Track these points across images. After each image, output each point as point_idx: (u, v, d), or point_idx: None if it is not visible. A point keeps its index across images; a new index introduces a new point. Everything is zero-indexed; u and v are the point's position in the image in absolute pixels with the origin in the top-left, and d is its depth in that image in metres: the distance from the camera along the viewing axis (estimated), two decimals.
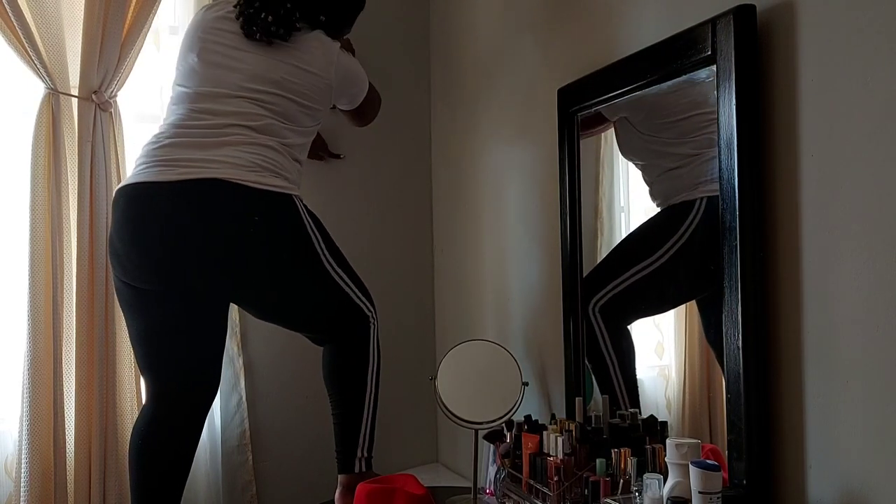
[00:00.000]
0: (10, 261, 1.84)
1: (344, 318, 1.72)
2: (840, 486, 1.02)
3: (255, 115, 1.60)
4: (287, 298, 1.66)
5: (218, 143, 1.57)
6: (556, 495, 1.29)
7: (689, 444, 1.06)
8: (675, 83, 1.27)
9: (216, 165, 1.54)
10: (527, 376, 1.69)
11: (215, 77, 1.62)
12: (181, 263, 1.53)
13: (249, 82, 1.61)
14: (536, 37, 1.77)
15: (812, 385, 1.06)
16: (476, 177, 2.08)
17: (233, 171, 1.54)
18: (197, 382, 1.65)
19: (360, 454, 1.70)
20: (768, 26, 1.10)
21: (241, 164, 1.55)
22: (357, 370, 1.72)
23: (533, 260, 1.80)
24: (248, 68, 1.62)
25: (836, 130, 1.01)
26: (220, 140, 1.57)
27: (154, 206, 1.53)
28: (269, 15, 1.62)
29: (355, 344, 1.73)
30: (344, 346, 1.74)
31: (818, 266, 1.04)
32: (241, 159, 1.55)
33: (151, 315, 1.59)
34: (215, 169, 1.53)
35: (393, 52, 2.32)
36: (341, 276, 1.69)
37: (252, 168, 1.56)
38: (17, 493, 1.72)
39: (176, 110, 1.64)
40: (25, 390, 1.72)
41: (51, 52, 1.78)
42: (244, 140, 1.58)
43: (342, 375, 1.73)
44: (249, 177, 1.54)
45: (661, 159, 1.37)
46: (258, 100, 1.61)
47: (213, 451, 1.99)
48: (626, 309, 1.47)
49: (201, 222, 1.52)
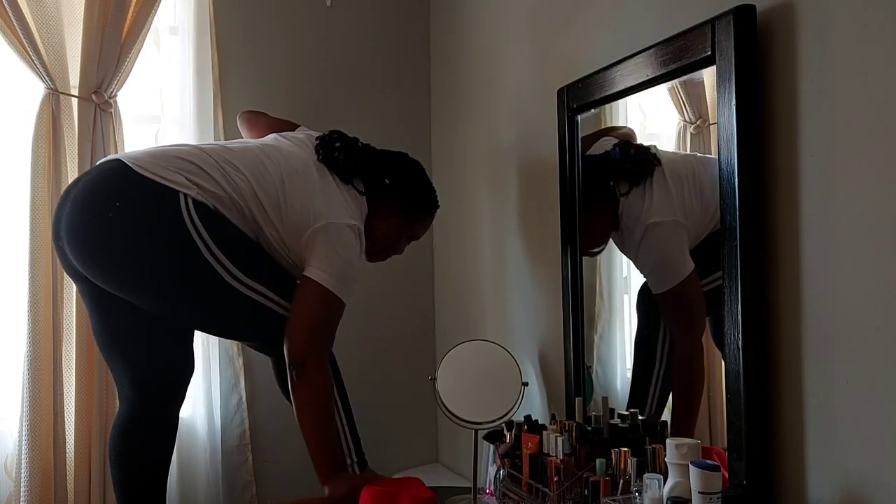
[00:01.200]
0: (10, 261, 1.84)
1: (270, 331, 1.57)
2: (840, 485, 1.01)
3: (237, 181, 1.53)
4: (185, 309, 1.56)
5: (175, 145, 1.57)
6: (556, 495, 1.29)
7: (688, 444, 1.06)
8: None
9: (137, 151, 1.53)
10: (527, 376, 1.69)
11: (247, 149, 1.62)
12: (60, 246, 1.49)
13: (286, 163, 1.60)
14: (536, 37, 1.77)
15: (812, 385, 1.05)
16: (476, 177, 2.08)
17: (136, 157, 1.48)
18: (159, 382, 1.61)
19: (349, 460, 1.68)
20: (768, 26, 1.10)
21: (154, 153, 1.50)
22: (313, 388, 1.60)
23: (533, 259, 1.80)
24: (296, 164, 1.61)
25: (836, 130, 1.01)
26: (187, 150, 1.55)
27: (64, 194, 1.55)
28: (342, 154, 1.62)
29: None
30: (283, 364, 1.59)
31: (818, 266, 1.04)
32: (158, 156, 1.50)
33: (92, 313, 1.58)
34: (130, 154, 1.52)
35: (393, 52, 2.32)
36: (254, 288, 1.53)
37: (156, 160, 1.48)
38: (17, 492, 1.73)
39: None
40: (25, 390, 1.72)
41: (51, 52, 1.78)
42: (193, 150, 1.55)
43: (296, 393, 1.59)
44: (144, 162, 1.46)
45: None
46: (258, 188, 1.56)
47: (213, 451, 1.99)
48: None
49: (77, 201, 1.46)
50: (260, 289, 1.54)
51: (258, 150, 1.62)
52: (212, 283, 1.49)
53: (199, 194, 1.48)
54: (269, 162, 1.59)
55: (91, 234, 1.45)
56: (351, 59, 2.25)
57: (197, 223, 1.46)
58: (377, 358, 2.25)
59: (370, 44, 2.28)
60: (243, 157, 1.57)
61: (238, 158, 1.56)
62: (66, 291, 1.80)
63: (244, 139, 1.74)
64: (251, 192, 1.54)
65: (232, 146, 1.63)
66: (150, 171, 1.45)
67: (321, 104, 2.16)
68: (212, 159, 1.54)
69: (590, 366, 1.56)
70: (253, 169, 1.56)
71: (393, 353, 2.29)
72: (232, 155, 1.57)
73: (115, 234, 1.45)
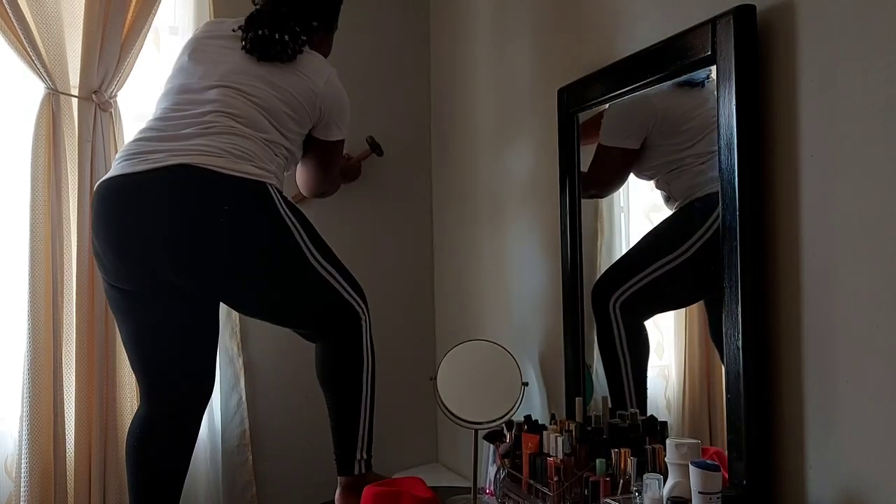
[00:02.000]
0: (10, 261, 1.84)
1: (333, 315, 1.66)
2: (840, 486, 1.01)
3: (237, 105, 1.55)
4: (269, 294, 1.60)
5: (193, 132, 1.51)
6: (555, 495, 1.29)
7: (688, 444, 1.06)
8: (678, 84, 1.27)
9: (185, 152, 1.47)
10: (527, 376, 1.69)
11: (202, 71, 1.59)
12: (151, 259, 1.47)
13: (235, 74, 1.58)
14: (536, 37, 1.77)
15: (812, 385, 1.05)
16: (476, 177, 2.08)
17: (200, 158, 1.46)
18: (190, 384, 1.61)
19: (360, 456, 1.67)
20: (768, 26, 1.10)
21: (210, 152, 1.48)
22: (351, 372, 1.68)
23: (533, 260, 1.80)
24: (236, 63, 1.59)
25: (837, 130, 1.01)
26: (195, 130, 1.51)
27: (122, 200, 1.48)
28: (285, 34, 1.61)
29: (347, 344, 1.69)
30: (336, 346, 1.69)
31: (818, 266, 1.04)
32: (211, 147, 1.48)
33: (139, 317, 1.56)
34: (182, 155, 1.47)
35: (393, 52, 2.32)
36: (329, 270, 1.62)
37: (221, 154, 1.48)
38: (17, 492, 1.72)
39: (159, 105, 1.61)
40: (25, 390, 1.72)
41: (51, 52, 1.78)
42: (220, 129, 1.51)
43: (336, 378, 1.69)
44: (218, 162, 1.47)
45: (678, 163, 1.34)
46: (242, 91, 1.56)
47: (214, 451, 1.99)
48: (645, 305, 1.44)
49: (166, 212, 1.46)
50: (332, 271, 1.63)
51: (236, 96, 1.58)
52: (305, 267, 1.58)
53: (277, 182, 1.56)
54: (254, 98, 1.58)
55: (203, 244, 1.47)
56: (351, 59, 2.24)
57: (287, 210, 1.55)
58: (377, 358, 2.25)
59: (370, 43, 2.28)
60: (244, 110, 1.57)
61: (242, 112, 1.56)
62: (65, 291, 1.80)
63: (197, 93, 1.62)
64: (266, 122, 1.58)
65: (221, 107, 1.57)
66: (230, 169, 1.47)
67: None
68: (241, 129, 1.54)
69: (590, 366, 1.56)
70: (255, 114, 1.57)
71: (393, 353, 2.28)
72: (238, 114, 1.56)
73: (232, 236, 1.47)
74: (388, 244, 2.30)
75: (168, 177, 1.45)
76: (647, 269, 1.38)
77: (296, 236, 1.56)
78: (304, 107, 1.63)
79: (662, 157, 1.38)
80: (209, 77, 1.58)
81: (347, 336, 1.68)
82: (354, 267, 1.70)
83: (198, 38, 1.68)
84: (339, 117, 1.72)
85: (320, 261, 1.60)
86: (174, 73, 1.64)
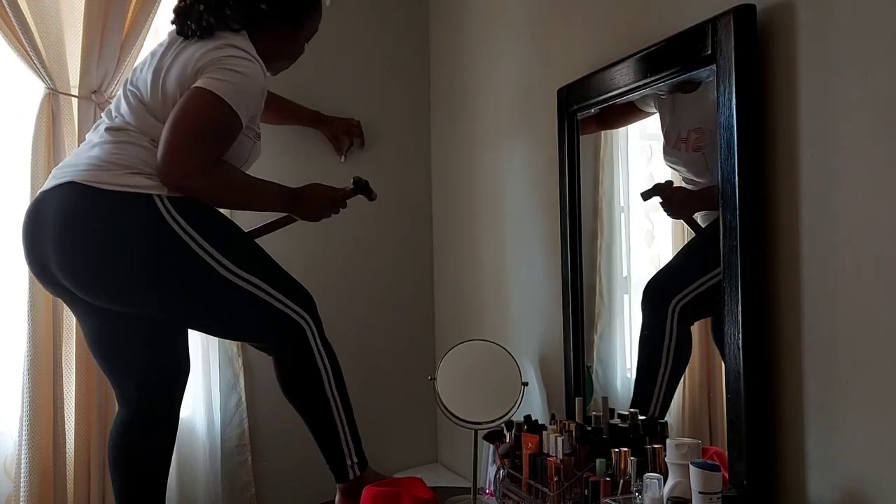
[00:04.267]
0: (9, 261, 1.84)
1: (269, 329, 1.56)
2: (840, 485, 1.01)
3: (131, 107, 1.47)
4: (187, 313, 1.53)
5: (95, 143, 1.46)
6: (555, 495, 1.29)
7: (689, 444, 1.06)
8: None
9: (77, 168, 1.42)
10: (526, 376, 1.68)
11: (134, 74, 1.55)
12: (56, 279, 1.44)
13: (143, 71, 1.51)
14: (536, 36, 1.77)
15: (812, 385, 1.05)
16: (476, 177, 2.08)
17: (86, 174, 1.40)
18: (155, 383, 1.59)
19: (350, 461, 1.64)
20: (768, 26, 1.10)
21: (97, 165, 1.41)
22: (311, 387, 1.60)
23: (533, 260, 1.79)
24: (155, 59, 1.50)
25: (837, 129, 1.01)
26: (97, 139, 1.46)
27: (28, 221, 1.46)
28: (202, 3, 1.47)
29: (297, 359, 1.59)
30: (286, 362, 1.61)
31: (818, 265, 1.04)
32: (100, 159, 1.41)
33: (87, 324, 1.55)
34: (74, 172, 1.41)
35: (393, 52, 2.32)
36: (250, 281, 1.48)
37: (107, 168, 1.40)
38: (17, 493, 1.72)
39: None
40: (25, 390, 1.72)
41: (50, 51, 1.78)
42: (115, 138, 1.44)
43: (298, 395, 1.63)
44: (101, 177, 1.39)
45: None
46: (137, 91, 1.49)
47: (213, 451, 1.99)
48: (698, 311, 1.38)
49: (51, 234, 1.41)
50: (254, 280, 1.50)
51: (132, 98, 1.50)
52: (210, 280, 1.45)
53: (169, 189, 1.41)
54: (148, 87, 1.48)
55: (83, 266, 1.41)
56: (350, 59, 2.24)
57: (181, 221, 1.41)
58: (377, 358, 2.25)
59: (370, 43, 2.28)
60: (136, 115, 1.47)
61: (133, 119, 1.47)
62: None
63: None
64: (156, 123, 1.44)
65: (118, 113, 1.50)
66: (112, 183, 1.38)
67: (321, 104, 2.16)
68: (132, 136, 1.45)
69: (590, 366, 1.56)
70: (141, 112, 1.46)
71: (393, 353, 2.28)
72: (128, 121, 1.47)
73: (108, 257, 1.40)
74: (387, 244, 2.30)
75: (56, 196, 1.41)
76: (708, 275, 1.31)
77: (194, 248, 1.42)
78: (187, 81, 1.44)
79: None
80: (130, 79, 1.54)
81: (294, 351, 1.59)
82: (354, 267, 1.69)
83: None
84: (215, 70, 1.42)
85: (236, 272, 1.46)
86: None
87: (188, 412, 1.98)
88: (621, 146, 1.55)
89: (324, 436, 1.64)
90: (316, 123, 2.14)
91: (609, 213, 1.56)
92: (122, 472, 1.58)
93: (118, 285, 1.43)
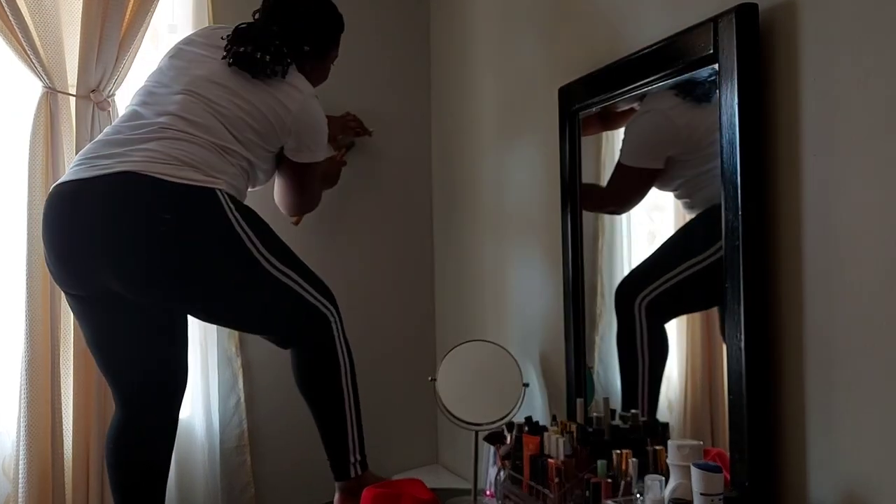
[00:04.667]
0: (7, 261, 1.83)
1: (299, 321, 1.62)
2: (842, 486, 1.01)
3: (196, 111, 1.50)
4: (226, 304, 1.56)
5: (145, 137, 1.46)
6: (556, 497, 1.28)
7: (690, 445, 1.06)
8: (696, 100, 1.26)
9: (131, 159, 1.42)
10: (527, 377, 1.68)
11: (173, 75, 1.57)
12: (91, 267, 1.43)
13: (204, 81, 1.54)
14: (537, 36, 1.77)
15: (814, 385, 1.05)
16: (476, 176, 2.07)
17: (145, 165, 1.41)
18: (156, 386, 1.59)
19: (353, 458, 1.64)
20: (770, 25, 1.10)
21: (156, 159, 1.42)
22: (329, 377, 1.64)
23: (533, 260, 1.79)
24: (211, 71, 1.56)
25: (839, 130, 1.00)
26: (148, 134, 1.46)
27: (66, 209, 1.45)
28: (266, 55, 1.56)
29: (320, 349, 1.64)
30: (308, 352, 1.65)
31: (820, 266, 1.04)
32: (159, 153, 1.43)
33: (94, 323, 1.54)
34: (128, 162, 1.41)
35: (393, 52, 2.32)
36: (288, 275, 1.56)
37: (167, 161, 1.42)
38: (15, 493, 1.72)
39: (130, 103, 1.58)
40: (23, 390, 1.72)
41: (49, 51, 1.77)
42: (172, 135, 1.46)
43: (315, 385, 1.66)
44: (163, 169, 1.41)
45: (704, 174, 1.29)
46: (205, 98, 1.52)
47: (212, 452, 1.99)
48: (669, 307, 1.40)
49: (106, 220, 1.41)
50: (291, 274, 1.57)
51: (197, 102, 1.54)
52: (256, 272, 1.51)
53: (226, 186, 1.49)
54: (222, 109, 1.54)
55: (144, 254, 1.42)
56: (350, 59, 2.24)
57: (238, 217, 1.49)
58: (377, 358, 2.24)
59: (369, 43, 2.27)
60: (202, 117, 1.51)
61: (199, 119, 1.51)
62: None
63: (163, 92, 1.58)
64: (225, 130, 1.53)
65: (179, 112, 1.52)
66: (175, 176, 1.42)
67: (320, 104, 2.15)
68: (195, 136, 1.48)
69: (591, 366, 1.55)
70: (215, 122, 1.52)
71: (393, 354, 2.28)
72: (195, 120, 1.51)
73: (175, 246, 1.42)
74: (388, 244, 2.29)
75: (110, 185, 1.41)
76: (675, 271, 1.35)
77: (246, 243, 1.49)
78: (272, 123, 1.58)
79: (688, 170, 1.34)
80: (178, 82, 1.55)
81: (319, 341, 1.64)
82: (354, 267, 1.70)
83: (185, 41, 1.66)
84: (312, 141, 1.67)
85: (277, 266, 1.54)
86: (152, 72, 1.63)
87: (187, 413, 1.97)
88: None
89: (332, 429, 1.65)
90: None
91: None
92: (121, 475, 1.57)
93: (175, 273, 1.45)
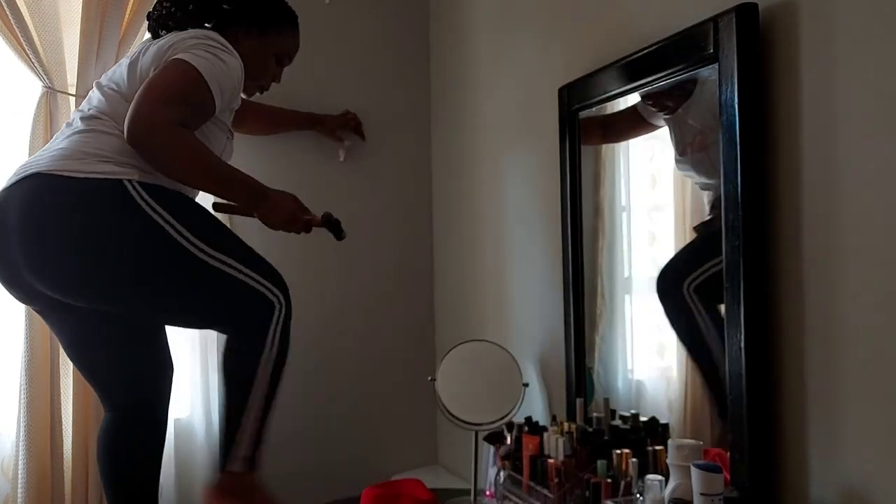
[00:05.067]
0: None
1: (243, 308, 1.48)
2: (842, 487, 1.01)
3: (104, 99, 1.43)
4: (158, 302, 1.46)
5: (64, 137, 1.41)
6: (556, 497, 1.28)
7: (690, 445, 1.06)
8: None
9: (40, 160, 1.37)
10: (527, 377, 1.68)
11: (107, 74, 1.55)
12: (25, 279, 1.38)
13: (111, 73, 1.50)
14: (536, 35, 1.76)
15: (814, 386, 1.05)
16: (476, 176, 2.07)
17: (52, 164, 1.35)
18: (136, 385, 1.57)
19: (241, 452, 1.47)
20: (771, 24, 1.10)
21: (64, 155, 1.36)
22: (245, 359, 1.47)
23: (533, 259, 1.79)
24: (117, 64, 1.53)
25: (840, 129, 1.00)
26: (67, 134, 1.42)
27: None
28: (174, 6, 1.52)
29: (249, 329, 1.48)
30: (236, 333, 1.50)
31: (820, 266, 1.03)
32: (67, 150, 1.37)
33: (59, 330, 1.52)
34: (36, 165, 1.36)
35: (393, 52, 2.31)
36: (223, 261, 1.43)
37: (73, 157, 1.35)
38: (14, 493, 1.72)
39: None
40: (22, 391, 1.72)
41: (48, 50, 1.77)
42: (82, 129, 1.40)
43: (229, 362, 1.50)
44: (68, 165, 1.34)
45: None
46: (111, 83, 1.46)
47: (212, 452, 1.98)
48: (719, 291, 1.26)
49: (17, 229, 1.34)
50: (227, 260, 1.44)
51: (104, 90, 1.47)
52: (187, 262, 1.40)
53: (139, 175, 1.38)
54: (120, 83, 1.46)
55: (57, 260, 1.35)
56: (350, 59, 2.24)
57: (153, 205, 1.37)
58: (377, 358, 2.24)
59: (370, 43, 2.27)
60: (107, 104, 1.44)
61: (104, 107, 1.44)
62: None
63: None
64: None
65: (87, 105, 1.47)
66: (78, 171, 1.34)
67: (320, 104, 2.15)
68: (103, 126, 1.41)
69: (591, 367, 1.55)
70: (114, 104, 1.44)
71: (393, 354, 2.28)
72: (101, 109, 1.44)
73: (83, 248, 1.35)
74: (387, 244, 2.29)
75: (23, 190, 1.36)
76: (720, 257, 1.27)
77: (170, 232, 1.37)
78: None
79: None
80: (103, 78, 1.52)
81: (253, 324, 1.49)
82: (354, 267, 1.68)
83: None
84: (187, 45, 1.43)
85: (209, 252, 1.41)
86: None
87: (186, 413, 1.97)
88: (623, 145, 1.54)
89: (231, 412, 1.49)
90: (310, 124, 2.13)
91: (610, 212, 1.55)
92: (112, 477, 1.56)
93: (96, 277, 1.37)
